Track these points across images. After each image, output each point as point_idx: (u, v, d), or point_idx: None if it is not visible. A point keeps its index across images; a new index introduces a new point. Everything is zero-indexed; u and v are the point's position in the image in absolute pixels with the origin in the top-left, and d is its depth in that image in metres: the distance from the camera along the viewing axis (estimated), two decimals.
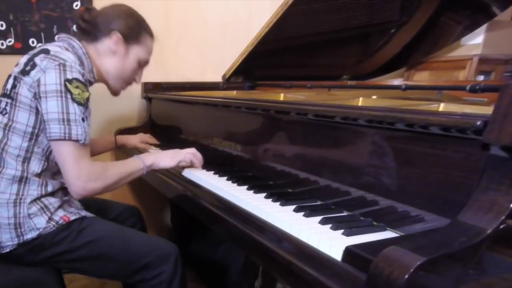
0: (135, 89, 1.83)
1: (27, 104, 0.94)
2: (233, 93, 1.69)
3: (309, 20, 1.47)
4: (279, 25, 1.36)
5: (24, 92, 0.94)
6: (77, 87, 0.92)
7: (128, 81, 1.19)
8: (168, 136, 1.63)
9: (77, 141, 0.92)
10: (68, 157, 0.93)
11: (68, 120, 0.91)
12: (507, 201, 0.53)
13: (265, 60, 1.67)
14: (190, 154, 1.13)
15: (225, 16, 2.01)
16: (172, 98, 1.63)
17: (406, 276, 0.45)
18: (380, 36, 1.68)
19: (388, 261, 0.48)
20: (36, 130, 0.96)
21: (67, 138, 0.91)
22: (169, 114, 1.71)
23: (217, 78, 1.86)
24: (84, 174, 0.94)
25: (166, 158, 1.11)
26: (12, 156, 0.96)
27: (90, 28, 1.09)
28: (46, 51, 0.96)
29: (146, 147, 1.51)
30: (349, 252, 0.59)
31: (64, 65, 0.92)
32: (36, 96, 0.93)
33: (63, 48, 0.99)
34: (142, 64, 1.18)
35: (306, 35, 1.58)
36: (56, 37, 1.11)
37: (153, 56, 1.18)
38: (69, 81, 0.91)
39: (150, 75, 1.85)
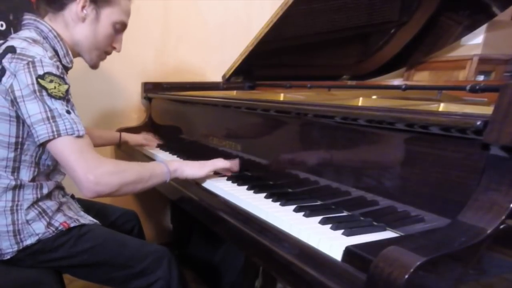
0: (135, 89, 1.84)
1: (6, 114, 0.89)
2: (233, 93, 1.69)
3: (309, 20, 1.47)
4: (279, 25, 1.36)
5: (0, 102, 0.88)
6: (51, 81, 0.86)
7: (105, 50, 1.07)
8: (168, 136, 1.63)
9: (70, 135, 0.85)
10: (68, 154, 0.86)
11: (53, 117, 0.85)
12: (507, 201, 0.53)
13: (265, 60, 1.68)
14: (221, 162, 1.07)
15: (225, 16, 2.01)
16: (172, 98, 1.63)
17: (406, 276, 0.45)
18: (380, 36, 1.68)
19: (388, 261, 0.48)
20: (20, 139, 0.91)
21: (56, 135, 0.84)
22: (169, 114, 1.71)
23: (217, 78, 1.86)
24: (93, 166, 0.86)
25: (194, 167, 1.05)
26: (0, 168, 0.92)
27: None
28: (12, 50, 0.87)
29: (150, 144, 1.51)
30: (349, 252, 0.59)
31: (33, 62, 0.86)
32: (14, 103, 0.87)
33: (31, 41, 0.90)
34: (118, 28, 1.05)
35: (306, 35, 1.58)
36: (23, 20, 0.99)
37: (153, 56, 1.13)
38: (41, 76, 0.85)
39: (150, 75, 1.86)
